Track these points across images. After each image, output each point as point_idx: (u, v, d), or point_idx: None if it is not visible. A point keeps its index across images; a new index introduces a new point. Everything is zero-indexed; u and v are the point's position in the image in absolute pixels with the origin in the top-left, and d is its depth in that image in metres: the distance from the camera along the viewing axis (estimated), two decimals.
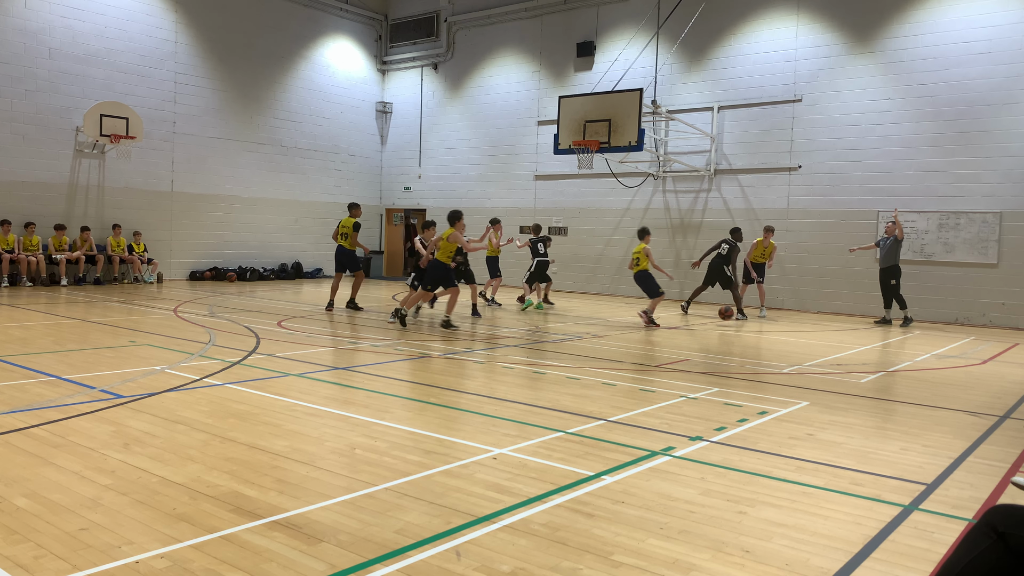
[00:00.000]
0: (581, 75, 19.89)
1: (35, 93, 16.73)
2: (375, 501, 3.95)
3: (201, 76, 19.67)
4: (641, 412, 6.26)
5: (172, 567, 3.11)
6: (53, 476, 4.18)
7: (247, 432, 5.21)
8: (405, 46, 23.55)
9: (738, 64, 17.56)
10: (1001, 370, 9.26)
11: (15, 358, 7.74)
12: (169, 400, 6.10)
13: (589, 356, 9.26)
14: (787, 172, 16.96)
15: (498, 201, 21.56)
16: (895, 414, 6.54)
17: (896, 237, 13.92)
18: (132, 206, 18.49)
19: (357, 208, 13.91)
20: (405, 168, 23.86)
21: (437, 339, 10.40)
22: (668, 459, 4.88)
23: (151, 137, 18.57)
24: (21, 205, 16.55)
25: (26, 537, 3.36)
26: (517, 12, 21.01)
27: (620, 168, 18.59)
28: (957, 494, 4.41)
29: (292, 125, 21.78)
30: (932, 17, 15.20)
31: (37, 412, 5.58)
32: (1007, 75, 14.43)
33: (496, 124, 21.67)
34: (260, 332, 10.32)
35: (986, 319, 14.74)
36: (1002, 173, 14.53)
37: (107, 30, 17.78)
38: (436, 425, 5.60)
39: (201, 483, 4.14)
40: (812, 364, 9.22)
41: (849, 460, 5.04)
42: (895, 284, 14.05)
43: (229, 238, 20.47)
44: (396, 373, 7.65)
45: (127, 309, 12.68)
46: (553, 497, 4.08)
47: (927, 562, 3.41)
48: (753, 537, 3.65)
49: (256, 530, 3.52)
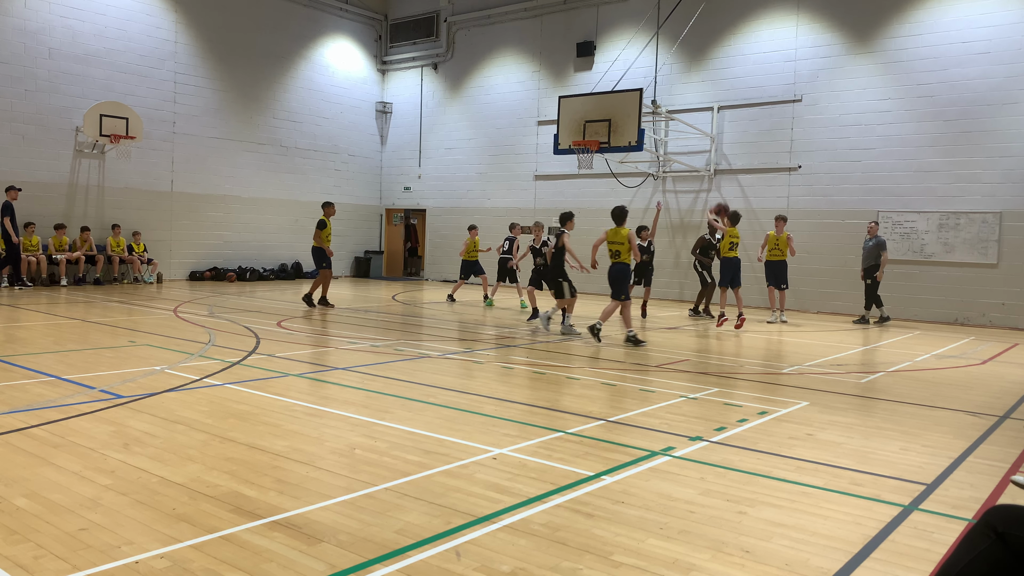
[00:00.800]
0: (581, 75, 19.89)
1: (35, 93, 16.73)
2: (375, 501, 3.95)
3: (201, 76, 19.67)
4: (641, 412, 6.26)
5: (172, 567, 3.11)
6: (53, 476, 4.18)
7: (247, 432, 5.21)
8: (405, 46, 23.55)
9: (738, 64, 17.56)
10: (1001, 370, 9.26)
11: (15, 358, 7.74)
12: (169, 400, 6.10)
13: (589, 356, 9.26)
14: (787, 172, 16.96)
15: (498, 201, 21.57)
16: (895, 414, 6.54)
17: (878, 238, 14.06)
18: (132, 206, 18.48)
19: (327, 207, 14.21)
20: (405, 168, 23.86)
21: (436, 339, 10.40)
22: (668, 459, 4.88)
23: (151, 137, 18.57)
24: (21, 205, 16.51)
25: (26, 537, 3.36)
26: (517, 12, 21.01)
27: (620, 168, 18.59)
28: (957, 494, 4.41)
29: (292, 125, 21.78)
30: (932, 17, 15.20)
31: (37, 412, 5.58)
32: (1007, 75, 14.43)
33: (496, 124, 21.67)
34: (260, 332, 10.31)
35: (986, 319, 14.74)
36: (1002, 173, 14.54)
37: (107, 30, 17.78)
38: (436, 425, 5.60)
39: (201, 483, 4.14)
40: (812, 364, 9.22)
41: (849, 460, 5.04)
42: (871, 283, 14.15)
43: (229, 238, 20.46)
44: (396, 373, 7.65)
45: (127, 309, 12.68)
46: (553, 497, 4.08)
47: (927, 562, 3.41)
48: (753, 537, 3.65)
49: (256, 530, 3.52)
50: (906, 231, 15.50)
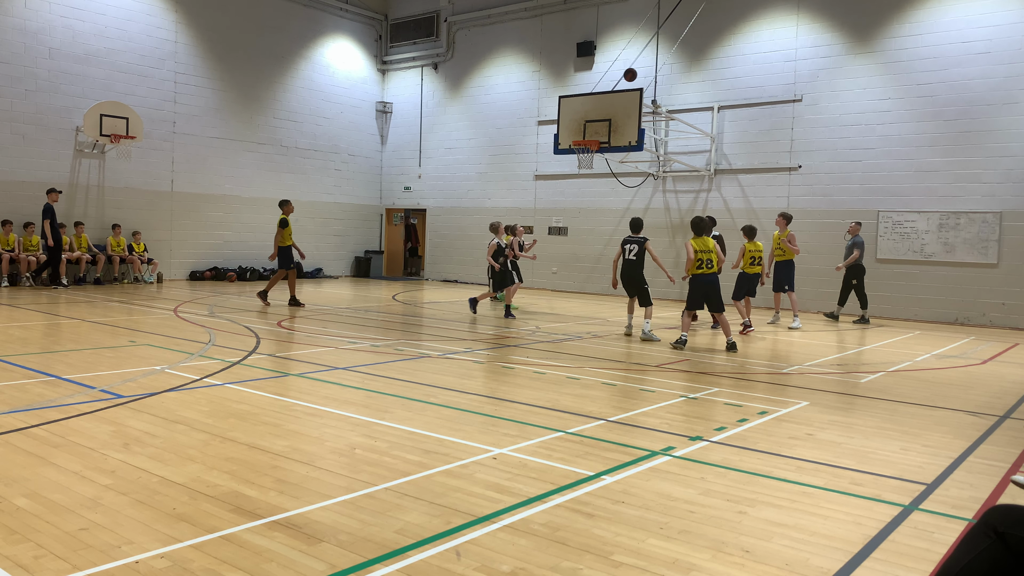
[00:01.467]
0: (581, 75, 19.89)
1: (35, 93, 16.73)
2: (375, 501, 3.95)
3: (201, 76, 19.67)
4: (641, 412, 6.26)
5: (172, 567, 3.11)
6: (53, 476, 4.18)
7: (247, 432, 5.21)
8: (405, 46, 23.55)
9: (738, 64, 17.56)
10: (1001, 370, 9.26)
11: (15, 358, 7.74)
12: (169, 400, 6.10)
13: (589, 356, 9.26)
14: (787, 172, 16.96)
15: (498, 201, 21.57)
16: (895, 414, 6.54)
17: (857, 238, 14.05)
18: (132, 206, 18.48)
19: (284, 204, 14.18)
20: (405, 168, 23.86)
21: (436, 339, 10.39)
22: (668, 459, 4.88)
23: (151, 137, 18.57)
24: (21, 205, 16.54)
25: (26, 537, 3.36)
26: (517, 12, 21.01)
27: (620, 168, 18.59)
28: (957, 494, 4.41)
29: (292, 125, 21.78)
30: (932, 17, 15.21)
31: (37, 412, 5.58)
32: (1007, 75, 14.43)
33: (496, 124, 21.67)
34: (260, 332, 10.32)
35: (986, 319, 14.74)
36: (1002, 173, 14.54)
37: (107, 30, 17.78)
38: (436, 425, 5.60)
39: (201, 483, 4.14)
40: (812, 364, 9.22)
41: (849, 460, 5.04)
42: (856, 283, 14.18)
43: (229, 238, 20.46)
44: (396, 373, 7.65)
45: (127, 309, 12.68)
46: (553, 497, 4.08)
47: (927, 562, 3.41)
48: (753, 537, 3.65)
49: (256, 530, 3.52)
50: (906, 231, 15.50)
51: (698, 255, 10.01)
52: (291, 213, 14.11)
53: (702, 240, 10.04)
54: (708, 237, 10.11)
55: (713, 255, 10.00)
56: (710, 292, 10.11)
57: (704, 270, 10.03)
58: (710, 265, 9.99)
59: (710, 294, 10.11)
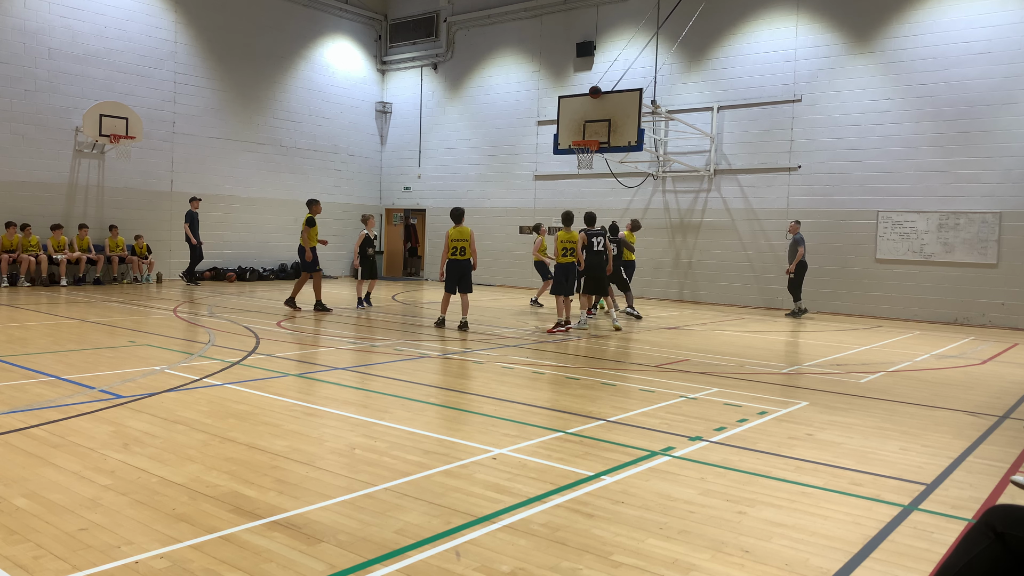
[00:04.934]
0: (581, 75, 19.88)
1: (35, 93, 16.72)
2: (375, 501, 3.95)
3: (201, 76, 19.67)
4: (641, 412, 6.26)
5: (172, 567, 3.11)
6: (53, 476, 4.18)
7: (247, 432, 5.21)
8: (405, 46, 23.55)
9: (738, 64, 17.56)
10: (1001, 370, 9.27)
11: (15, 358, 7.74)
12: (169, 400, 6.10)
13: (589, 356, 9.26)
14: (787, 172, 16.96)
15: (498, 201, 21.57)
16: (895, 414, 6.54)
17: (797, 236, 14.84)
18: (132, 206, 18.48)
19: (312, 204, 13.59)
20: (405, 168, 23.86)
21: (436, 339, 10.39)
22: (668, 459, 4.88)
23: (151, 137, 18.57)
24: (21, 205, 16.54)
25: (26, 537, 3.36)
26: (517, 12, 21.01)
27: (620, 168, 18.59)
28: (956, 494, 4.41)
29: (292, 125, 21.77)
30: (932, 17, 15.21)
31: (37, 412, 5.58)
32: (1006, 75, 14.44)
33: (496, 124, 21.67)
34: (260, 332, 10.31)
35: (986, 319, 14.74)
36: (1002, 173, 14.54)
37: (107, 30, 17.78)
38: (436, 425, 5.60)
39: (201, 483, 4.14)
40: (812, 364, 9.22)
41: (848, 460, 5.04)
42: (794, 277, 14.96)
43: (229, 238, 20.46)
44: (396, 373, 7.65)
45: (127, 309, 12.68)
46: (553, 497, 4.08)
47: (926, 562, 3.42)
48: (753, 537, 3.65)
49: (256, 530, 3.52)
50: (906, 231, 15.50)
51: (563, 244, 11.74)
52: (319, 213, 13.50)
53: (569, 233, 11.74)
54: (575, 231, 11.79)
55: (577, 246, 11.68)
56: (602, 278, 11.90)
57: (569, 259, 11.70)
58: (573, 254, 11.68)
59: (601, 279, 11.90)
